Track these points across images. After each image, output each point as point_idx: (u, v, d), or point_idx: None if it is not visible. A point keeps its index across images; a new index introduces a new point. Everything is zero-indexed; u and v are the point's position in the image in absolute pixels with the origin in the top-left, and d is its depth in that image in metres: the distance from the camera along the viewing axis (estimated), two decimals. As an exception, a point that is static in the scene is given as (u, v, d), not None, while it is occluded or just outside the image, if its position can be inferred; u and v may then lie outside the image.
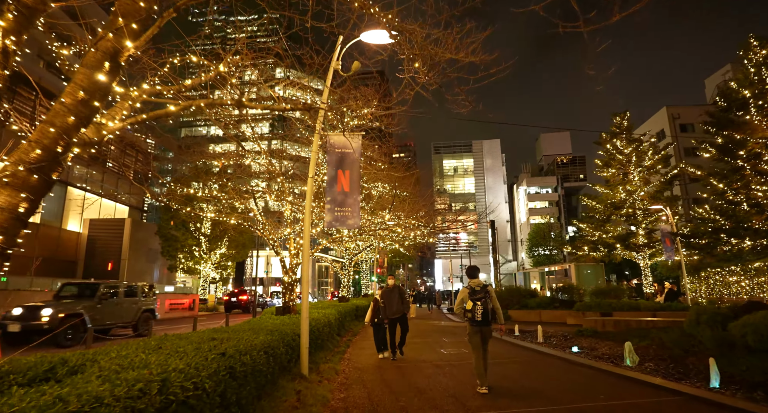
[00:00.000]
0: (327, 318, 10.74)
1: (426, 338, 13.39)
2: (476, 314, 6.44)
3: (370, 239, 23.30)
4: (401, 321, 9.73)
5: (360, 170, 7.79)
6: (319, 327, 9.52)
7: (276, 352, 5.99)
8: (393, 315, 9.56)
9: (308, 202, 7.41)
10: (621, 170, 26.98)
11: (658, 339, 9.97)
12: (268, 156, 11.36)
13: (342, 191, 7.63)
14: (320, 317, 10.45)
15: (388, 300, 9.61)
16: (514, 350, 10.57)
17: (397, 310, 9.57)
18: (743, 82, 18.98)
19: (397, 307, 9.56)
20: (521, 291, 21.06)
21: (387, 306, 9.56)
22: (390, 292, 9.72)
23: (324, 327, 10.01)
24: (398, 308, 9.57)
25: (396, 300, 9.62)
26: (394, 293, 9.70)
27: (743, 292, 21.44)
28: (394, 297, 9.65)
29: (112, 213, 39.49)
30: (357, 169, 7.75)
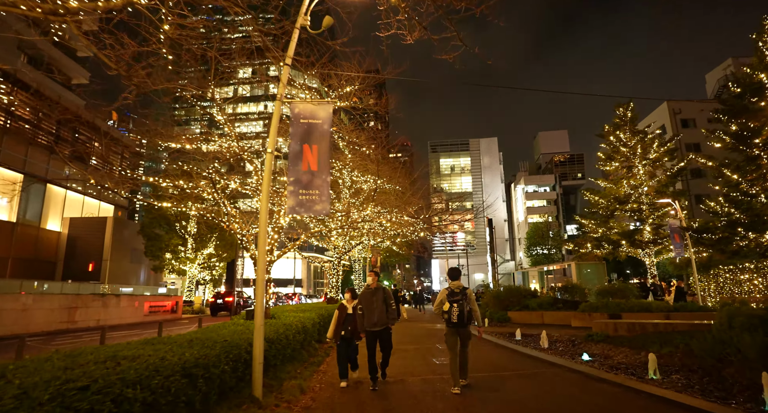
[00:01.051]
0: (302, 324, 9.35)
1: (418, 343, 12.03)
2: (452, 315, 6.53)
3: (359, 236, 21.95)
4: (383, 336, 6.96)
5: (330, 145, 6.41)
6: (290, 335, 8.13)
7: (212, 372, 4.60)
8: (373, 327, 6.86)
9: (266, 183, 6.04)
10: (625, 163, 25.65)
11: (683, 346, 8.62)
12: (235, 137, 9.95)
13: (308, 170, 6.26)
14: (293, 322, 9.06)
15: (368, 306, 6.90)
16: (517, 359, 9.21)
17: (379, 320, 6.84)
18: (758, 66, 17.71)
19: (379, 316, 6.83)
20: (521, 291, 19.69)
21: (366, 314, 6.88)
22: (371, 295, 6.97)
23: (297, 334, 8.61)
24: (381, 318, 6.84)
25: (379, 307, 6.86)
26: (377, 297, 6.93)
27: (756, 291, 20.18)
28: (377, 302, 6.90)
29: (96, 212, 37.99)
30: (327, 143, 6.38)
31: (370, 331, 6.93)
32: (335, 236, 20.60)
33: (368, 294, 7.07)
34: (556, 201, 77.36)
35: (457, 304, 6.52)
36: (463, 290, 6.67)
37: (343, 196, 18.56)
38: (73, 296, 19.66)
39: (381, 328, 6.92)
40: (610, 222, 25.96)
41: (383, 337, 6.98)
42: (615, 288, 17.39)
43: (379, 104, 11.81)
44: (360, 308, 7.00)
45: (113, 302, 22.00)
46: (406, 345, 11.58)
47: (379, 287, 7.14)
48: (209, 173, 9.02)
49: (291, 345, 8.09)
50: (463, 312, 6.50)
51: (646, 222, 24.11)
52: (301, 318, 9.91)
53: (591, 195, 27.05)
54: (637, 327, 10.86)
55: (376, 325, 6.90)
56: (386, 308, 6.93)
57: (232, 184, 10.27)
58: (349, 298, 7.41)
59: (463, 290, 6.66)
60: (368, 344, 6.94)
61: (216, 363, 4.78)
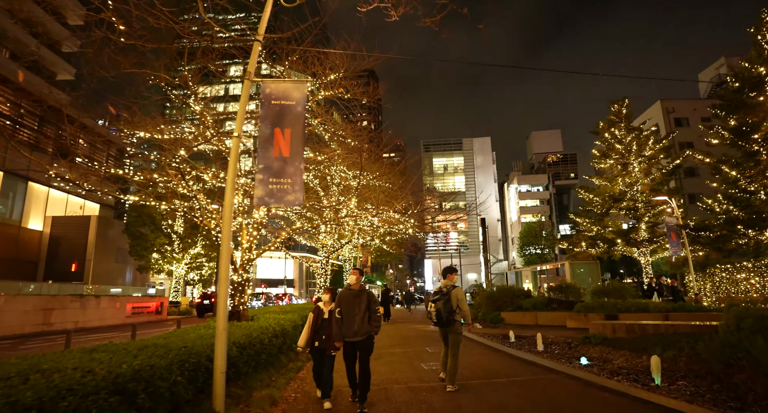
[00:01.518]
0: (281, 326, 8.69)
1: (407, 346, 11.40)
2: (432, 315, 6.69)
3: (349, 235, 21.30)
4: (363, 348, 5.74)
5: (304, 129, 5.77)
6: (266, 338, 7.48)
7: (158, 386, 3.94)
8: (352, 337, 5.70)
9: (231, 170, 5.40)
10: (620, 160, 25.20)
11: (688, 349, 8.07)
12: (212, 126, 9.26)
13: (279, 157, 5.63)
14: (271, 324, 8.41)
15: (348, 311, 5.76)
16: (510, 364, 8.61)
17: (360, 329, 5.69)
18: (756, 59, 17.30)
19: (361, 324, 5.70)
20: (515, 291, 19.12)
21: (345, 321, 5.75)
22: (353, 298, 5.83)
23: (274, 338, 7.95)
24: (362, 327, 5.71)
25: (361, 313, 5.74)
26: (360, 301, 5.80)
27: (753, 290, 19.79)
28: (359, 307, 5.77)
29: (81, 211, 37.03)
30: (301, 127, 5.75)
31: (348, 341, 5.74)
32: (323, 235, 19.96)
33: (349, 296, 5.85)
34: (549, 201, 77.11)
35: (435, 304, 6.66)
36: (450, 289, 6.67)
37: (332, 192, 17.93)
38: (49, 298, 18.85)
39: (362, 338, 5.71)
40: (605, 220, 25.50)
41: (363, 349, 5.74)
42: (611, 288, 16.88)
43: (366, 92, 11.15)
44: (339, 312, 5.79)
45: (92, 303, 21.19)
46: (394, 349, 10.95)
47: (363, 290, 5.95)
48: (176, 162, 8.33)
49: (266, 350, 7.43)
50: (440, 312, 6.56)
51: (642, 220, 23.66)
52: (281, 320, 9.26)
53: (585, 193, 26.58)
54: (637, 328, 10.31)
55: (356, 334, 5.68)
56: (369, 315, 5.80)
57: (205, 176, 9.60)
58: (327, 299, 6.24)
59: (449, 289, 6.66)
60: (346, 356, 5.88)
61: (165, 375, 4.13)
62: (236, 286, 9.87)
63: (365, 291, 5.97)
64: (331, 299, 6.24)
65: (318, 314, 6.17)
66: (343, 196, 17.32)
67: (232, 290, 9.98)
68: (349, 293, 5.92)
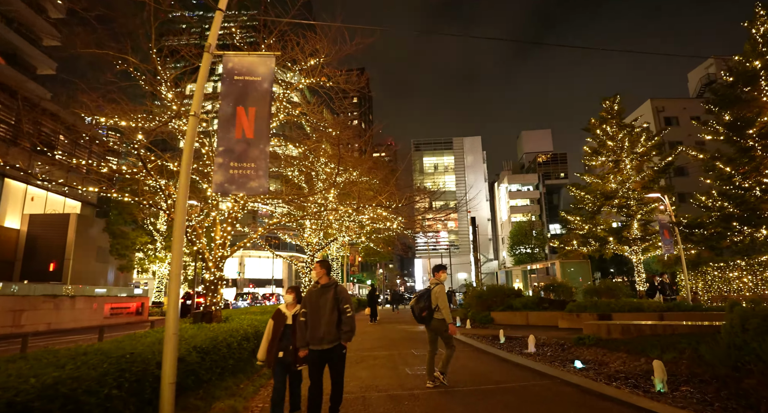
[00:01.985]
0: (254, 328, 8.02)
1: (391, 349, 10.80)
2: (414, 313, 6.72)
3: (337, 232, 20.69)
4: (333, 359, 4.75)
5: (270, 107, 5.15)
6: (234, 342, 6.84)
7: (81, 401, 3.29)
8: (318, 345, 4.67)
9: (187, 151, 4.76)
10: (612, 157, 24.83)
11: (689, 352, 7.56)
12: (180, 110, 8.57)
13: (242, 138, 5.00)
14: (243, 326, 7.76)
15: (313, 313, 4.75)
16: (501, 368, 8.04)
17: (327, 335, 4.66)
18: (751, 54, 16.97)
19: (328, 329, 4.68)
20: (505, 290, 18.61)
21: (310, 325, 4.72)
22: (317, 297, 4.82)
23: (244, 341, 7.29)
24: (330, 332, 4.67)
25: (328, 314, 4.72)
26: (326, 300, 4.78)
27: (745, 289, 19.50)
28: (325, 307, 4.75)
29: (61, 209, 35.90)
30: (267, 106, 5.13)
31: (315, 350, 4.67)
32: (308, 233, 19.31)
33: (314, 295, 4.82)
34: (540, 200, 77.02)
35: (415, 301, 6.72)
36: (433, 286, 6.61)
37: (317, 189, 17.29)
38: (19, 298, 17.98)
39: (330, 346, 4.66)
40: (597, 218, 25.12)
41: (334, 360, 4.74)
42: (604, 287, 16.43)
43: (350, 80, 10.53)
44: (303, 314, 4.76)
45: (67, 304, 20.34)
46: (378, 351, 10.34)
47: (329, 285, 4.88)
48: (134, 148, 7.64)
49: (235, 354, 6.78)
50: (413, 309, 6.70)
51: (635, 218, 23.30)
52: (255, 321, 8.62)
53: (577, 191, 26.17)
54: (633, 328, 9.82)
55: (322, 341, 4.64)
56: (338, 317, 4.74)
57: (171, 166, 8.91)
58: (291, 301, 5.12)
59: (432, 286, 6.63)
60: (312, 370, 4.73)
61: (94, 387, 3.48)
62: (208, 285, 9.20)
63: (333, 287, 4.88)
64: (295, 300, 5.14)
65: (279, 319, 5.02)
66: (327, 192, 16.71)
67: (204, 290, 9.31)
68: (313, 290, 4.91)
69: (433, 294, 6.54)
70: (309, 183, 17.90)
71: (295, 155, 16.30)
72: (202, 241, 9.42)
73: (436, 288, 6.56)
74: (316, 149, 11.84)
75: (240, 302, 38.27)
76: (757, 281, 18.87)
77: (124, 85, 9.63)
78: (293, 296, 5.18)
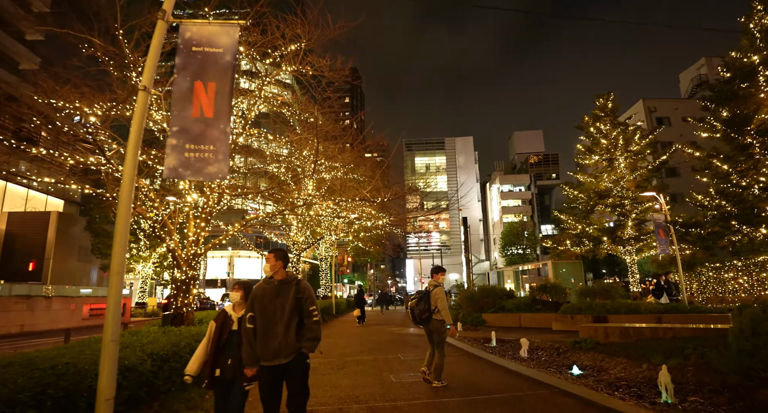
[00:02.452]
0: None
1: (377, 353, 10.18)
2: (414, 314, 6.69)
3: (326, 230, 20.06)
4: (291, 377, 3.72)
5: (233, 83, 4.54)
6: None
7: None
8: (273, 359, 3.62)
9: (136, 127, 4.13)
10: (606, 155, 24.43)
11: (695, 358, 7.04)
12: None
13: (200, 118, 4.38)
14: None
15: (266, 317, 3.70)
16: (493, 375, 7.47)
17: (284, 346, 3.63)
18: (748, 49, 16.61)
19: (285, 338, 3.65)
20: (497, 292, 18.06)
21: (261, 332, 3.68)
22: (273, 296, 3.76)
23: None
24: (287, 342, 3.64)
25: (285, 317, 3.70)
26: (284, 300, 3.75)
27: (741, 290, 19.16)
28: (282, 309, 3.72)
29: (43, 207, 34.91)
30: (229, 81, 4.52)
31: (267, 367, 3.60)
32: (294, 231, 18.66)
33: (267, 294, 3.72)
34: (531, 201, 76.87)
35: (414, 303, 6.67)
36: (432, 288, 6.60)
37: (303, 185, 16.67)
38: (-12, 299, 17.15)
39: (287, 360, 3.57)
40: (591, 218, 24.71)
41: (294, 375, 3.67)
42: (599, 288, 15.95)
43: (334, 68, 9.91)
44: (251, 319, 3.67)
45: (42, 305, 19.50)
46: (362, 355, 9.72)
47: (288, 281, 3.80)
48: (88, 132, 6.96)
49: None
50: (413, 310, 6.63)
51: (629, 217, 22.90)
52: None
53: (570, 190, 25.72)
54: (632, 332, 9.30)
55: (278, 354, 3.57)
56: (299, 322, 3.69)
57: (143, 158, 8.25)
58: (238, 300, 4.08)
59: (431, 288, 6.61)
60: (263, 392, 3.63)
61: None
62: (179, 285, 8.54)
63: (293, 284, 3.79)
64: (243, 299, 4.06)
65: (223, 323, 4.00)
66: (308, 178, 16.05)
67: (175, 290, 8.65)
68: (267, 288, 3.76)
69: (432, 296, 6.53)
70: (295, 180, 17.27)
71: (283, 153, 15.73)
72: (174, 238, 8.76)
73: (435, 290, 6.56)
74: (299, 141, 11.22)
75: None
76: (753, 282, 18.54)
77: (93, 71, 8.96)
78: (241, 295, 4.09)
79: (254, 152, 14.83)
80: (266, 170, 15.64)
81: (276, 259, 3.87)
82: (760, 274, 17.95)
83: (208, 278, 52.22)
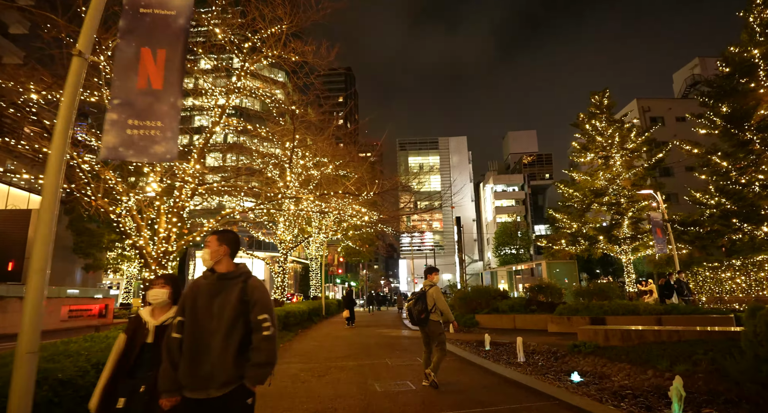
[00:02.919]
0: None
1: (364, 358, 9.56)
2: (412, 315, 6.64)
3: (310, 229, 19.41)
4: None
5: (186, 52, 3.92)
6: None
7: None
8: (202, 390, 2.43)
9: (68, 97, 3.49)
10: (601, 153, 23.97)
11: (706, 364, 6.51)
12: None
13: (147, 89, 3.75)
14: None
15: (198, 326, 2.50)
16: (487, 383, 6.88)
17: (218, 369, 2.43)
18: (748, 42, 16.20)
19: (220, 358, 2.44)
20: (491, 292, 17.52)
21: (189, 347, 2.47)
22: (209, 297, 2.58)
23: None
24: (224, 363, 2.44)
25: (223, 328, 2.48)
26: (225, 301, 2.56)
27: (738, 290, 18.77)
28: (219, 315, 2.52)
29: (25, 205, 33.89)
30: (182, 48, 3.90)
31: (191, 400, 2.46)
32: (282, 230, 18.01)
33: (204, 292, 2.61)
34: (525, 201, 76.61)
35: (408, 303, 6.74)
36: (428, 288, 6.66)
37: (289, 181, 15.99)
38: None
39: (220, 393, 2.43)
40: (586, 217, 24.25)
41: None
42: (596, 289, 15.45)
43: (318, 54, 9.29)
44: (179, 325, 2.56)
45: (14, 306, 18.69)
46: (347, 360, 9.09)
47: (234, 276, 2.68)
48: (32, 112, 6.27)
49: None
50: (411, 310, 6.61)
51: (625, 215, 22.45)
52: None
53: (565, 188, 25.24)
54: (633, 335, 8.76)
55: (209, 382, 2.43)
56: (243, 337, 2.53)
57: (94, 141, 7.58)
58: (163, 300, 3.04)
59: (427, 288, 6.66)
60: None
61: None
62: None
63: (239, 280, 2.66)
64: (171, 299, 3.05)
65: (134, 334, 2.96)
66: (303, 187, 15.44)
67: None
68: (203, 284, 2.66)
69: (429, 296, 6.56)
70: (282, 177, 16.62)
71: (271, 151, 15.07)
72: (144, 234, 8.10)
73: (431, 290, 6.61)
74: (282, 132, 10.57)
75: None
76: (751, 282, 18.14)
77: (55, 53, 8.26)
78: (169, 292, 3.02)
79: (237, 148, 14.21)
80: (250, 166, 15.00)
81: (219, 242, 2.70)
82: (758, 274, 17.56)
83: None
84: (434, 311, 6.52)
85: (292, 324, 15.53)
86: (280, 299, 17.48)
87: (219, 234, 2.80)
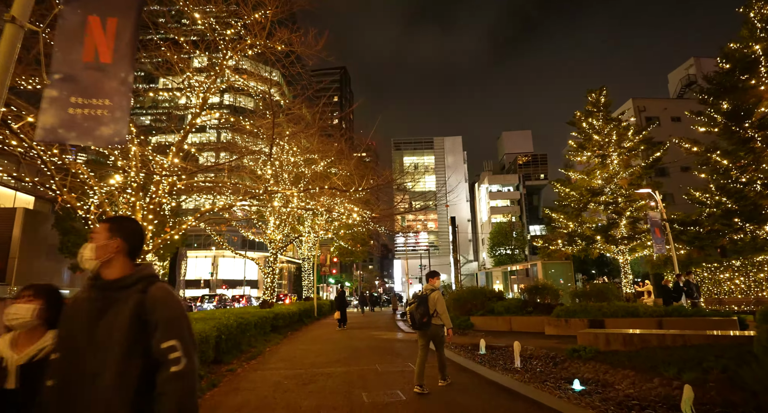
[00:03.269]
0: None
1: (352, 363, 9.07)
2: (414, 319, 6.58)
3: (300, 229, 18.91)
4: None
5: (139, 22, 3.44)
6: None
7: None
8: None
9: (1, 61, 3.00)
10: (598, 152, 23.62)
11: (717, 372, 6.09)
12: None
13: (94, 63, 3.26)
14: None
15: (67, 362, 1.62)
16: (483, 393, 6.42)
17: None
18: (748, 38, 15.88)
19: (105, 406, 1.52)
20: (486, 293, 17.06)
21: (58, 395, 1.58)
22: (93, 315, 1.66)
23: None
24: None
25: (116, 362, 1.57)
26: (109, 325, 1.62)
27: (737, 291, 18.46)
28: (107, 343, 1.60)
29: (11, 204, 33.18)
30: (135, 16, 3.42)
31: None
32: (272, 229, 17.50)
33: (83, 310, 1.70)
34: (520, 201, 76.36)
35: (410, 307, 6.66)
36: (429, 292, 6.64)
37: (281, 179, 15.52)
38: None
39: None
40: (583, 216, 23.89)
41: None
42: (594, 290, 15.05)
43: (306, 43, 8.79)
44: (55, 362, 1.66)
45: (-4, 307, 18.02)
46: (335, 366, 8.60)
47: (127, 284, 1.73)
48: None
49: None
50: (413, 314, 6.55)
51: (623, 215, 22.09)
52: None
53: (561, 187, 24.85)
54: (636, 339, 8.34)
55: None
56: (137, 381, 1.59)
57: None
58: (30, 321, 2.01)
59: (428, 292, 6.65)
60: None
61: None
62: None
63: (134, 289, 1.72)
64: (42, 319, 2.06)
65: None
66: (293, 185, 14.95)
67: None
68: (84, 299, 1.75)
69: (430, 300, 6.56)
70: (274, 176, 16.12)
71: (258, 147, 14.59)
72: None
73: (433, 294, 6.61)
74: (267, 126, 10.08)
75: (206, 304, 36.09)
76: (750, 282, 17.84)
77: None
78: (35, 307, 2.04)
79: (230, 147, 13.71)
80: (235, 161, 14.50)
81: (110, 234, 1.81)
82: (758, 275, 17.25)
83: (189, 279, 50.64)
84: (435, 315, 6.56)
85: (280, 326, 15.03)
86: (270, 301, 16.95)
87: (111, 222, 1.89)
